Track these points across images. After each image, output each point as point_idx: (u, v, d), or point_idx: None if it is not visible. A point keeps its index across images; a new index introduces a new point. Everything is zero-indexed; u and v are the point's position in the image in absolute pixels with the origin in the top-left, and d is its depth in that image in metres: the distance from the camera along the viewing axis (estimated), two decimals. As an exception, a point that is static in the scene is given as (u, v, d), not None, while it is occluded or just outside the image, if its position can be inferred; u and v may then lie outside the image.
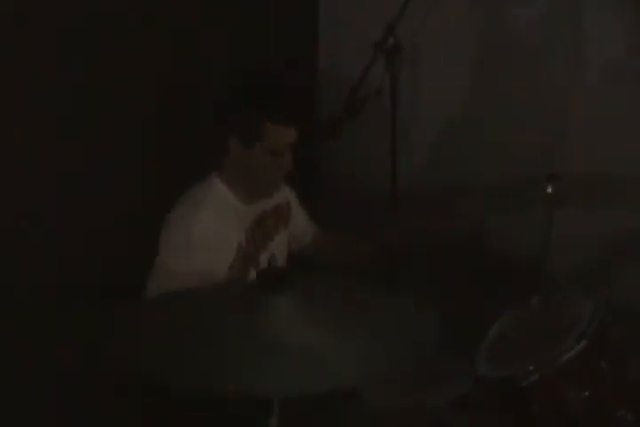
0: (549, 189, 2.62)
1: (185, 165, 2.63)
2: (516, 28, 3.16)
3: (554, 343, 2.22)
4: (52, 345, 2.36)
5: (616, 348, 2.26)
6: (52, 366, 2.38)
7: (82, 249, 2.46)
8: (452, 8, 3.14)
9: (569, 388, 2.19)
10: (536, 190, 2.62)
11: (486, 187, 2.79)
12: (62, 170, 2.39)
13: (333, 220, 2.90)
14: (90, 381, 2.43)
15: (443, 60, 3.20)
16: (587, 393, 2.18)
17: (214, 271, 2.27)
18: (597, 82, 3.09)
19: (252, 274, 2.38)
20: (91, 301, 2.40)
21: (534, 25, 3.13)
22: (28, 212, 2.31)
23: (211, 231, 2.30)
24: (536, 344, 2.28)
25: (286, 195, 2.66)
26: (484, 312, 2.45)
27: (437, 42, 3.14)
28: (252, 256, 2.43)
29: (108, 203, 2.52)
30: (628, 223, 2.92)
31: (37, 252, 2.36)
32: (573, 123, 3.12)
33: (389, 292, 1.92)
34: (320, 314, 1.74)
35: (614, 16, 2.98)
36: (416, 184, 3.06)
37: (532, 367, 2.17)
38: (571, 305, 2.37)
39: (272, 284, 1.73)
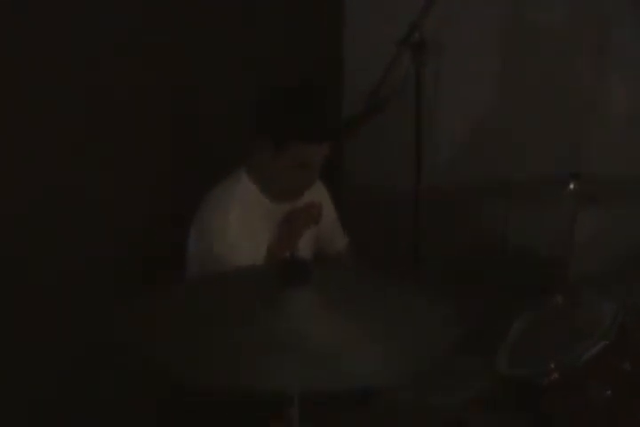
0: (572, 188, 2.60)
1: (212, 161, 2.64)
2: (541, 25, 3.12)
3: (575, 342, 2.18)
4: (63, 339, 2.39)
5: (639, 348, 2.19)
6: (62, 361, 2.40)
7: (101, 246, 2.47)
8: (477, 4, 3.11)
9: (590, 387, 2.13)
10: (559, 189, 2.60)
11: (509, 185, 2.74)
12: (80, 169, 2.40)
13: (355, 220, 2.87)
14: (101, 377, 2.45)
15: (467, 57, 3.16)
16: (609, 393, 2.12)
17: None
18: (623, 81, 3.04)
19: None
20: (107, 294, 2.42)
21: (560, 23, 3.08)
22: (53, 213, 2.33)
23: (240, 232, 2.29)
24: (557, 343, 2.24)
25: (321, 196, 2.61)
26: (506, 311, 2.43)
27: (461, 39, 3.11)
28: (281, 254, 2.41)
29: (129, 202, 2.54)
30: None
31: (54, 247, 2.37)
32: (599, 122, 3.08)
33: (412, 290, 1.87)
34: (341, 309, 1.69)
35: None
36: (440, 183, 3.02)
37: (552, 366, 2.13)
38: (593, 304, 2.32)
39: (294, 275, 1.68)
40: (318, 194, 2.60)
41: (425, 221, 2.80)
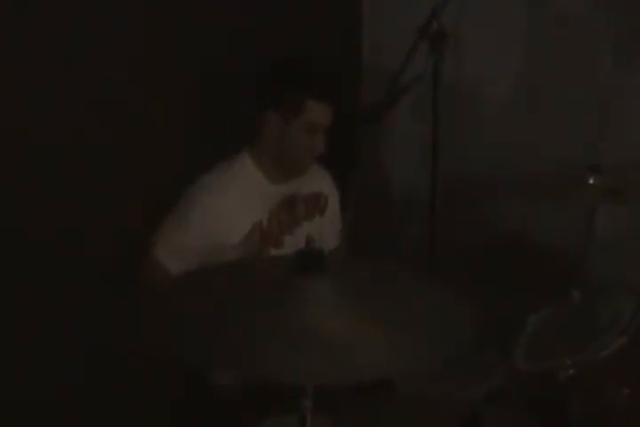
0: (591, 182, 2.54)
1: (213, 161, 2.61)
2: (559, 20, 3.07)
3: (593, 340, 2.17)
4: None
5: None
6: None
7: (101, 246, 2.48)
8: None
9: (607, 385, 2.11)
10: (578, 183, 2.54)
11: (527, 181, 2.70)
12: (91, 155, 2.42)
13: (370, 218, 2.84)
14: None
15: (485, 51, 3.14)
16: (626, 391, 2.09)
17: (212, 245, 2.32)
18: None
19: (272, 252, 2.43)
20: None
21: (579, 17, 3.03)
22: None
23: (217, 207, 2.33)
24: (575, 340, 2.22)
25: (329, 190, 2.65)
26: (523, 307, 2.40)
27: (480, 32, 3.09)
28: (274, 236, 2.45)
29: (130, 201, 2.54)
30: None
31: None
32: (619, 114, 3.02)
33: (429, 284, 1.87)
34: (356, 300, 1.68)
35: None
36: (457, 179, 3.00)
37: (569, 362, 2.12)
38: (611, 302, 2.31)
39: (309, 265, 1.68)
40: (328, 188, 2.64)
41: (442, 218, 2.76)
